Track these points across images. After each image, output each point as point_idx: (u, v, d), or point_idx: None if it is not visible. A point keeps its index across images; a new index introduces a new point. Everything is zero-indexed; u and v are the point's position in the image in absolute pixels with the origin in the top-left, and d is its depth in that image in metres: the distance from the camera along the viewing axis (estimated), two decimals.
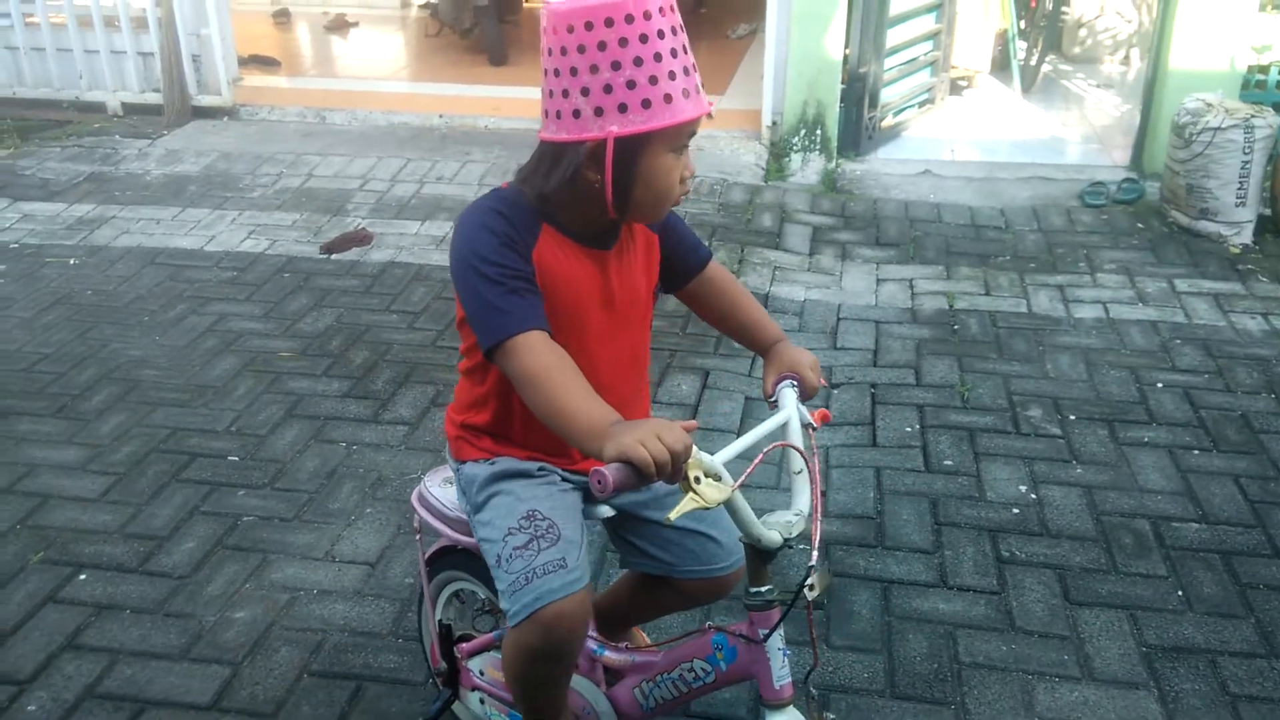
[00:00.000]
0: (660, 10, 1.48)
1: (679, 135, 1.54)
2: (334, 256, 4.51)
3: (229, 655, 2.43)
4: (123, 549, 2.78)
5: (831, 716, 2.24)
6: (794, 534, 1.55)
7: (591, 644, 1.88)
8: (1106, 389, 3.48)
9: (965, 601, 2.57)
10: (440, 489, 1.96)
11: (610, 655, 1.86)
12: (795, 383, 1.72)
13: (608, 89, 1.47)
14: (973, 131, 6.04)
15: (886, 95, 5.72)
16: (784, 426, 1.65)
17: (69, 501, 2.97)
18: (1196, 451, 3.14)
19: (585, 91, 1.48)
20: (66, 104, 6.31)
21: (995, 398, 3.43)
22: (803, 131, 5.45)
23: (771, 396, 1.73)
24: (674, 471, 1.35)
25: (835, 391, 3.49)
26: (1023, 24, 6.97)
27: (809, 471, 1.59)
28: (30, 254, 4.57)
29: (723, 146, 5.59)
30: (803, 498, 1.60)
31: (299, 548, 2.79)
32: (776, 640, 1.61)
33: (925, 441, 3.21)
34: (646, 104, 1.47)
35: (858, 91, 5.49)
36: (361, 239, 4.62)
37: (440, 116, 6.01)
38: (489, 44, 6.85)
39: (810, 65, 5.35)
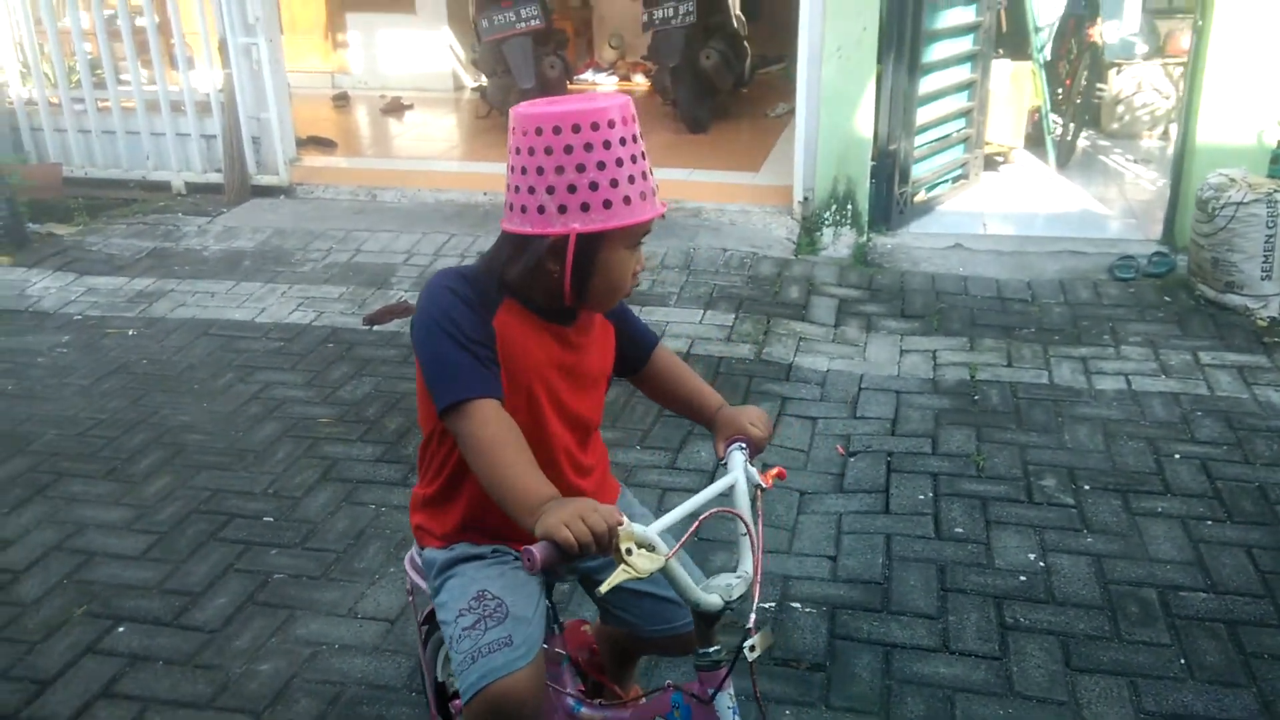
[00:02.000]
0: (622, 120, 1.60)
1: (634, 234, 1.65)
2: (375, 328, 4.70)
3: (251, 705, 2.55)
4: (160, 604, 2.93)
5: None
6: (734, 596, 1.60)
7: (570, 701, 1.96)
8: (1123, 459, 3.50)
9: (966, 666, 2.61)
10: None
11: (586, 712, 1.94)
12: (744, 445, 1.80)
13: (571, 189, 1.59)
14: (1007, 206, 6.13)
15: (918, 171, 5.84)
16: (731, 489, 1.71)
17: (113, 559, 3.14)
18: (1210, 522, 3.16)
19: (550, 190, 1.59)
20: (134, 183, 6.67)
21: (1010, 467, 3.48)
22: (833, 206, 5.58)
23: (723, 459, 1.81)
24: (606, 545, 1.43)
25: (851, 460, 3.56)
26: (1058, 100, 7.07)
27: (750, 535, 1.64)
28: (92, 325, 4.83)
29: (755, 221, 5.74)
30: (746, 560, 1.65)
31: (325, 604, 2.92)
32: (725, 699, 1.66)
33: (937, 509, 3.26)
34: (608, 204, 1.59)
35: (888, 168, 5.62)
36: (402, 311, 4.81)
37: (485, 194, 6.25)
38: None
39: (840, 142, 5.50)
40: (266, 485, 3.51)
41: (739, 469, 1.74)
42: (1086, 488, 3.35)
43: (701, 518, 1.54)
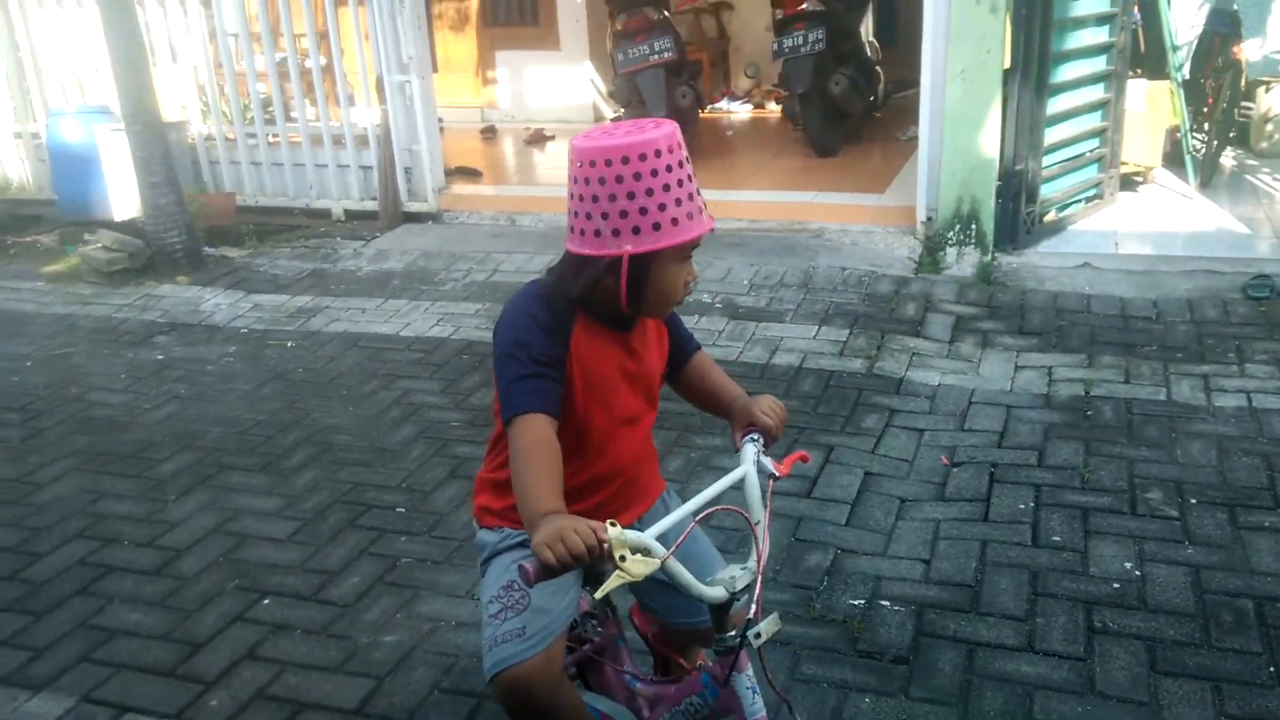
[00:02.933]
0: (668, 149, 1.76)
1: (683, 249, 1.82)
2: None
3: (375, 670, 2.82)
4: (301, 581, 3.25)
5: None
6: (739, 587, 1.73)
7: (628, 678, 2.14)
8: (1234, 475, 3.46)
9: (1048, 665, 2.66)
10: None
11: (640, 687, 2.13)
12: (757, 436, 1.92)
13: (623, 215, 1.75)
14: (1142, 226, 6.01)
15: (1047, 191, 5.81)
16: (742, 480, 1.83)
17: (263, 541, 3.49)
18: None
19: (605, 216, 1.76)
20: (298, 210, 7.24)
21: (1116, 480, 3.48)
22: (957, 226, 5.61)
23: (739, 450, 1.93)
24: (591, 559, 1.53)
25: (955, 470, 3.62)
26: (1201, 119, 6.89)
27: (752, 529, 1.77)
28: (256, 338, 5.31)
29: (877, 241, 5.82)
30: (754, 551, 1.77)
31: (446, 586, 3.18)
32: (743, 681, 1.80)
33: (1036, 519, 3.30)
34: (657, 226, 1.75)
35: (1014, 188, 5.62)
36: None
37: None
38: None
39: (963, 163, 5.54)
40: (401, 480, 3.82)
41: (749, 461, 1.87)
42: (1193, 501, 3.33)
43: (697, 518, 1.68)
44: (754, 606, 1.70)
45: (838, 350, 4.62)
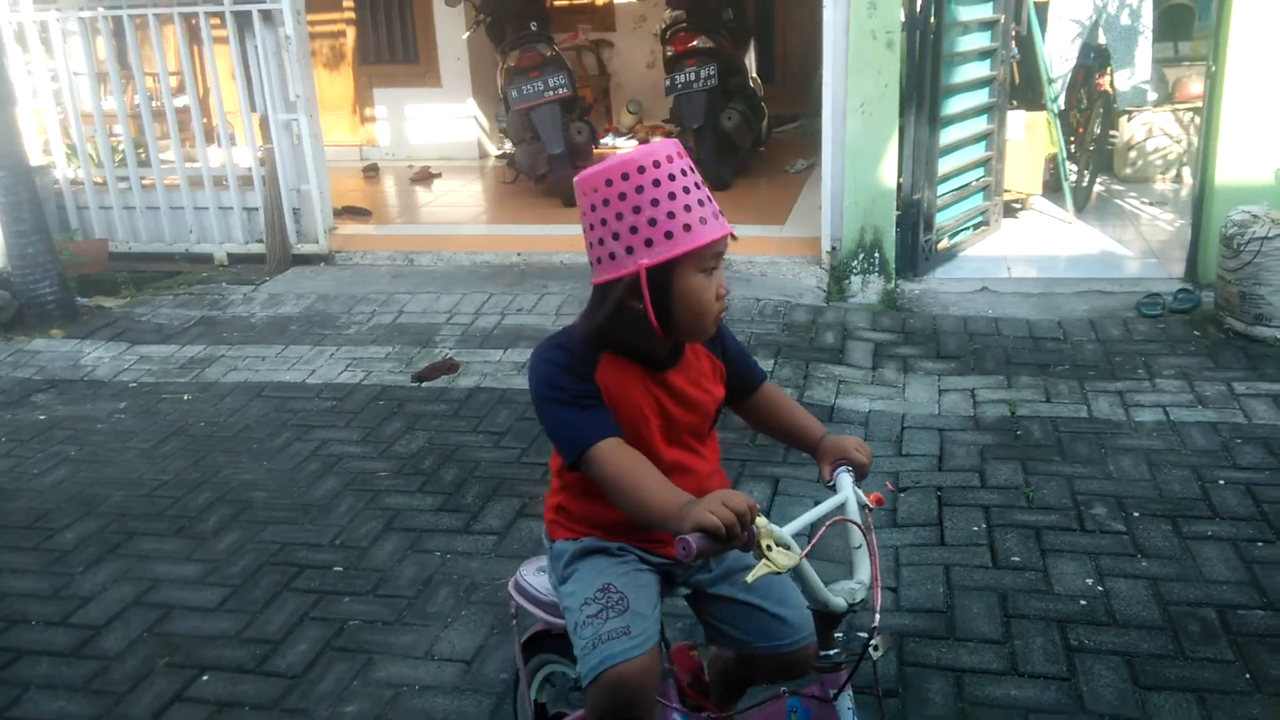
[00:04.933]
0: (668, 158, 1.72)
1: (704, 257, 1.76)
2: (424, 384, 4.82)
3: None
4: (241, 652, 3.01)
5: None
6: (856, 600, 1.73)
7: (675, 715, 2.04)
8: (1169, 487, 3.58)
9: (1036, 687, 2.67)
10: (535, 577, 2.16)
11: None
12: (849, 468, 1.91)
13: (633, 230, 1.71)
14: (1028, 250, 6.26)
15: (941, 219, 5.99)
16: (842, 506, 1.83)
17: (191, 611, 3.22)
18: (1260, 544, 3.22)
19: (616, 235, 1.72)
20: (178, 256, 6.87)
21: (1059, 498, 3.55)
22: (861, 255, 5.71)
23: (830, 481, 1.91)
24: (748, 538, 1.55)
25: (902, 495, 3.64)
26: (1072, 148, 7.24)
27: (867, 545, 1.76)
28: (147, 391, 4.97)
29: (785, 272, 5.88)
30: (863, 569, 1.77)
31: (401, 648, 2.99)
32: (845, 700, 1.76)
33: (992, 540, 3.34)
34: (669, 235, 1.70)
35: (912, 217, 5.77)
36: (449, 368, 4.93)
37: (519, 255, 6.42)
38: (562, 187, 7.31)
39: (865, 194, 5.65)
40: (333, 537, 3.60)
41: (848, 489, 1.86)
42: (1136, 515, 3.42)
43: (827, 524, 1.67)
44: (876, 618, 1.68)
45: (776, 386, 4.60)
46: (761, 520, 1.55)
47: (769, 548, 1.55)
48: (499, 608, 3.12)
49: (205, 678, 2.91)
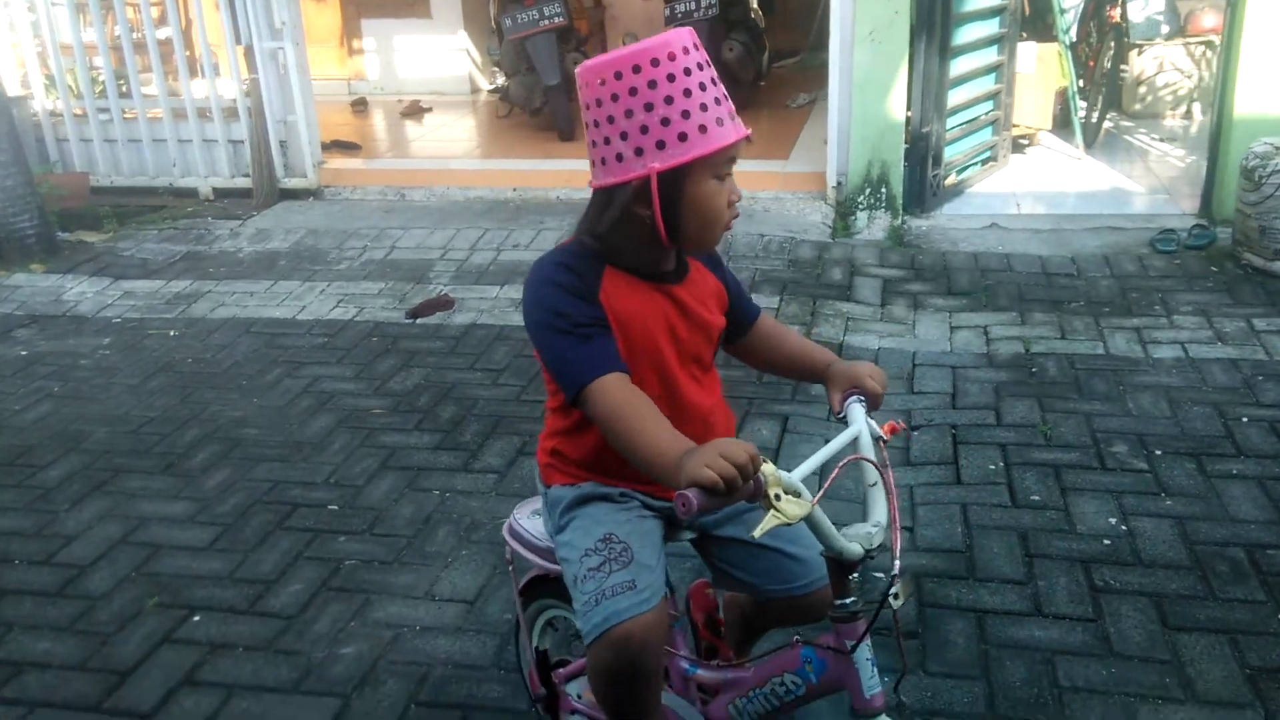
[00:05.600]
0: (684, 50, 1.56)
1: (718, 162, 1.60)
2: (419, 321, 4.67)
3: (339, 688, 2.51)
4: (233, 592, 2.90)
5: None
6: (874, 545, 1.57)
7: (684, 663, 1.92)
8: (1191, 424, 3.47)
9: (1062, 629, 2.57)
10: (529, 521, 2.03)
11: (703, 673, 1.90)
12: (861, 398, 1.76)
13: (644, 129, 1.55)
14: (1037, 186, 6.10)
15: (949, 154, 5.81)
16: (855, 441, 1.68)
17: (180, 551, 3.10)
18: None
19: (624, 135, 1.56)
20: (161, 190, 6.65)
21: (1078, 435, 3.44)
22: (867, 191, 5.55)
23: (840, 413, 1.77)
24: (752, 489, 1.40)
25: (915, 434, 3.52)
26: (1082, 82, 7.04)
27: (884, 483, 1.61)
28: (132, 327, 4.81)
29: (789, 208, 5.71)
30: (879, 509, 1.62)
31: (400, 588, 2.88)
32: (864, 651, 1.62)
33: (1010, 478, 3.23)
34: (683, 137, 1.55)
35: (921, 151, 5.60)
36: (444, 304, 4.78)
37: (514, 190, 6.23)
38: (559, 121, 7.10)
39: (873, 128, 5.48)
40: (327, 475, 3.48)
41: (860, 421, 1.71)
42: (1158, 453, 3.31)
43: (841, 464, 1.51)
44: (895, 564, 1.53)
45: (771, 317, 4.46)
46: (768, 467, 1.41)
47: (777, 497, 1.41)
48: (501, 547, 2.96)
49: (196, 618, 2.80)
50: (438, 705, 2.44)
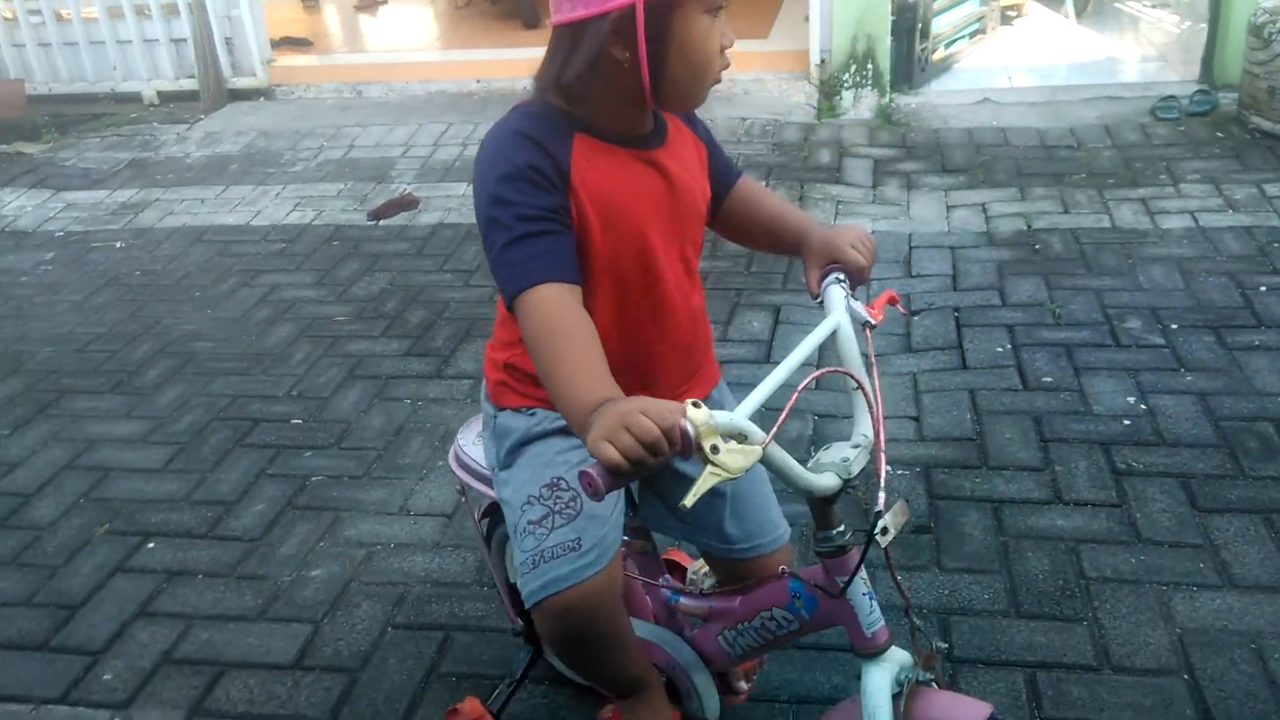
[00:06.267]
0: None
1: None
2: (381, 222, 4.39)
3: (308, 613, 2.32)
4: (190, 516, 2.68)
5: (944, 645, 2.09)
6: (854, 472, 1.32)
7: (666, 592, 1.72)
8: (1207, 296, 3.26)
9: (1084, 516, 2.39)
10: (475, 447, 1.81)
11: (687, 603, 1.69)
12: (842, 275, 1.48)
13: None
14: (1029, 59, 5.80)
15: (937, 26, 5.49)
16: (834, 335, 1.40)
17: (132, 473, 2.88)
18: None
19: None
20: (103, 96, 6.25)
21: (1089, 312, 3.23)
22: (853, 67, 5.24)
23: (819, 296, 1.49)
24: (684, 446, 1.11)
25: (916, 319, 3.31)
26: None
27: (864, 390, 1.34)
28: (76, 240, 4.50)
29: (771, 89, 5.40)
30: (864, 422, 1.37)
31: (372, 504, 2.67)
32: (858, 586, 1.39)
33: (1019, 360, 3.02)
34: None
35: (908, 23, 5.27)
36: (408, 203, 4.50)
37: (478, 81, 5.88)
38: (521, 8, 6.71)
39: (857, 0, 5.14)
40: (289, 388, 3.24)
41: (839, 307, 1.43)
42: (1174, 326, 3.11)
43: (799, 389, 1.24)
44: (880, 495, 1.28)
45: (754, 180, 4.21)
46: (699, 414, 1.11)
47: (714, 449, 1.12)
48: None
49: (151, 545, 2.59)
50: (416, 627, 2.25)
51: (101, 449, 3.00)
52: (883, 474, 1.30)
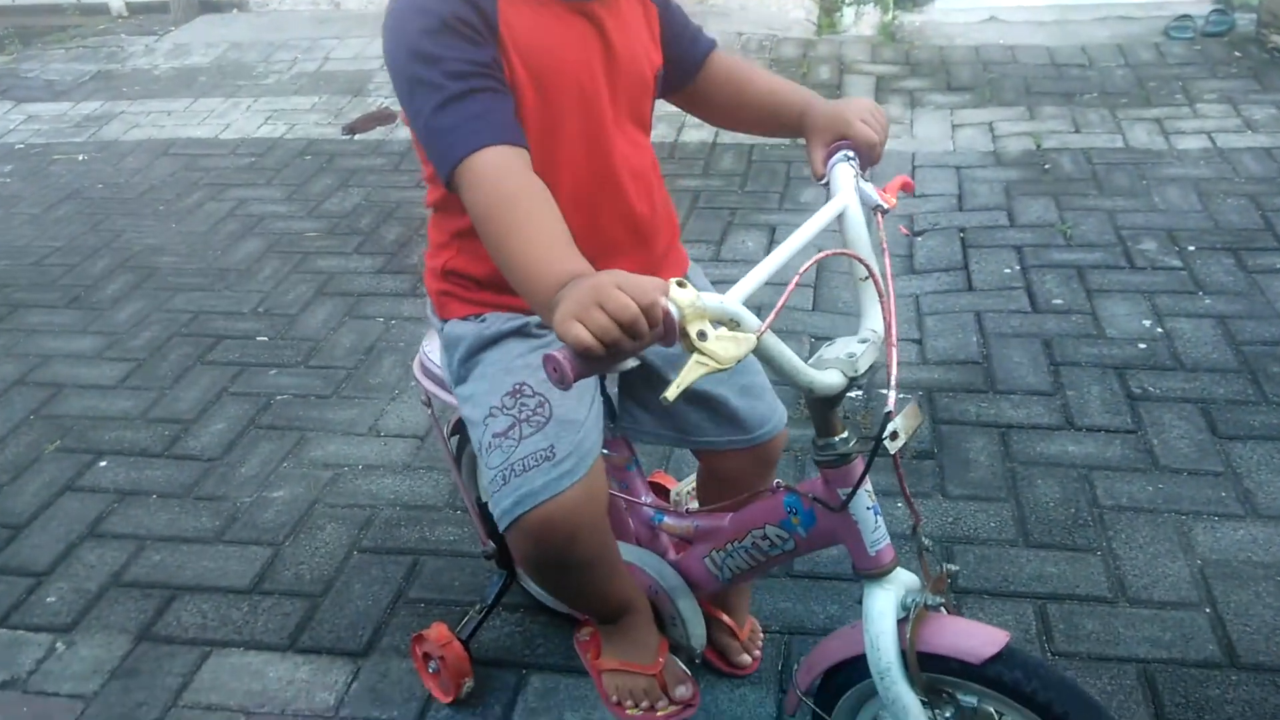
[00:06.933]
0: None
1: None
2: (357, 137, 4.18)
3: (268, 536, 2.17)
4: (145, 434, 2.52)
5: (955, 568, 1.94)
6: (860, 370, 1.17)
7: (649, 511, 1.56)
8: (1225, 218, 3.09)
9: (1098, 443, 2.25)
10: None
11: (671, 522, 1.54)
12: (850, 153, 1.32)
13: None
14: None
15: None
16: (841, 220, 1.24)
17: (85, 390, 2.71)
18: None
19: None
20: (69, 8, 5.97)
21: (1101, 234, 3.06)
22: None
23: (823, 176, 1.32)
24: (667, 331, 0.97)
25: (918, 240, 3.14)
26: None
27: (875, 279, 1.19)
28: (37, 153, 4.28)
29: (768, 3, 5.16)
30: (872, 315, 1.22)
31: (339, 424, 2.51)
32: (862, 500, 1.24)
33: (1028, 282, 2.86)
34: None
35: None
36: (385, 118, 4.28)
37: None
38: None
39: None
40: (255, 304, 3.06)
41: (848, 187, 1.26)
42: (1191, 249, 2.95)
43: (802, 270, 1.08)
44: (891, 394, 1.12)
45: (732, 54, 4.01)
46: (685, 294, 0.97)
47: (701, 335, 0.97)
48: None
49: (102, 464, 2.42)
50: (384, 551, 2.10)
51: (54, 365, 2.82)
52: (893, 372, 1.13)
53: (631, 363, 1.38)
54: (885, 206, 1.27)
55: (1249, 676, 1.69)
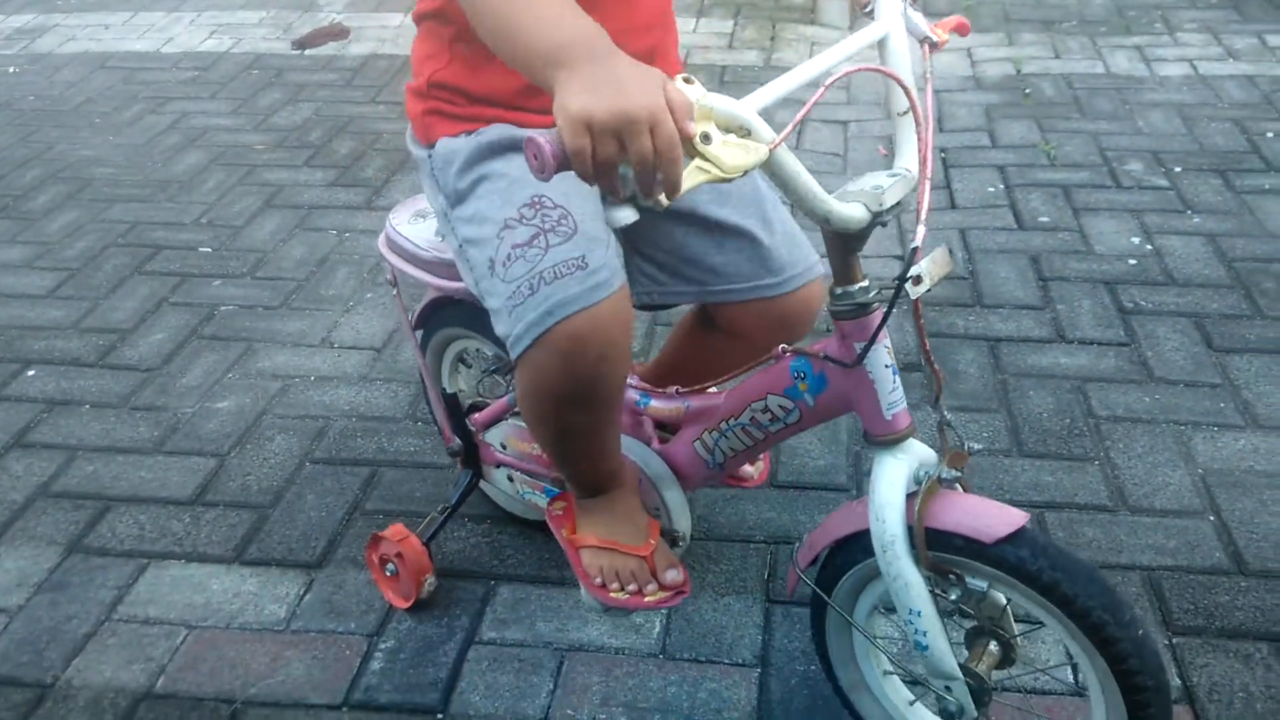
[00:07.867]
0: None
1: None
2: (307, 51, 3.96)
3: (212, 447, 2.01)
4: (78, 344, 2.34)
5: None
6: (886, 205, 1.03)
7: (634, 393, 1.42)
8: (1211, 140, 3.01)
9: (1090, 355, 2.15)
10: (411, 226, 1.51)
11: (658, 405, 1.41)
12: None
13: None
14: None
15: None
16: (882, 46, 1.11)
17: (12, 299, 2.52)
18: None
19: None
20: None
21: (1086, 154, 2.97)
22: None
23: (867, 5, 1.18)
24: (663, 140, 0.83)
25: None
26: None
27: (914, 108, 1.05)
28: None
29: None
30: (908, 152, 1.10)
31: (289, 335, 2.35)
32: (881, 356, 1.12)
33: (1013, 200, 2.76)
34: None
35: None
36: (337, 33, 4.06)
37: None
38: None
39: None
40: (198, 215, 2.87)
41: (894, 12, 1.13)
42: (1178, 169, 2.86)
43: (833, 79, 0.95)
44: (919, 231, 0.99)
45: (725, 42, 3.86)
46: (692, 89, 0.85)
47: (705, 137, 0.85)
48: (417, 289, 2.47)
49: (30, 373, 2.25)
50: (338, 462, 1.96)
51: None
52: (924, 207, 1.01)
53: (631, 216, 1.24)
54: (935, 40, 1.15)
55: (1258, 583, 1.61)
